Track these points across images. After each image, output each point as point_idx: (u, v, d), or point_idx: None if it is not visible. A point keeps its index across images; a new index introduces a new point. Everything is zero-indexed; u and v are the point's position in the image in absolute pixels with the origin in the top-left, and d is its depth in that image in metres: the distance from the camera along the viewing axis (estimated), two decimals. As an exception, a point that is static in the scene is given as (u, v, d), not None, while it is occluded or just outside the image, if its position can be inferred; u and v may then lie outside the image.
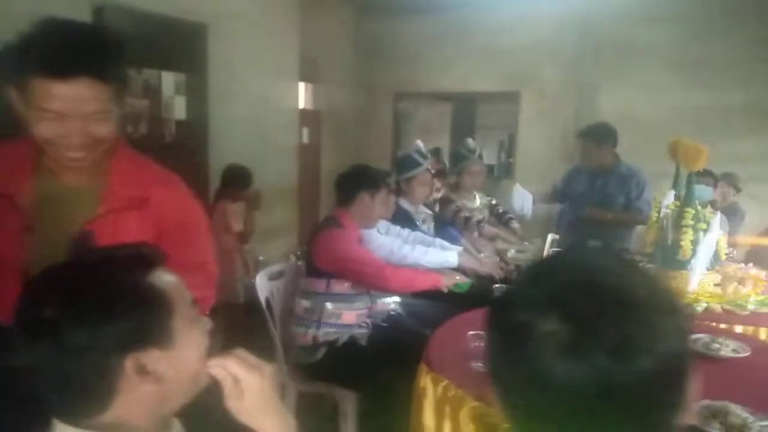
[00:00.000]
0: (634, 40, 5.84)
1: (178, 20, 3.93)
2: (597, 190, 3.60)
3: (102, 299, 0.77)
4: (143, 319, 0.78)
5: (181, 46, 4.02)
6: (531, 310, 0.58)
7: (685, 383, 0.60)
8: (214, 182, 3.98)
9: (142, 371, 0.78)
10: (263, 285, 2.49)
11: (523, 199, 3.69)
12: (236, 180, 3.44)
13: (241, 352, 0.89)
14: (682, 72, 5.67)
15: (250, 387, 0.84)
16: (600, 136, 3.54)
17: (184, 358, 0.82)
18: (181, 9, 3.94)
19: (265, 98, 4.92)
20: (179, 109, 4.01)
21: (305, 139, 5.92)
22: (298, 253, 5.11)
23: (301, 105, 5.92)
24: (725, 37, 5.47)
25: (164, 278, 0.83)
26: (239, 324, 3.39)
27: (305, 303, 2.41)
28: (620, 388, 0.54)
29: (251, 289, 3.13)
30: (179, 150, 4.04)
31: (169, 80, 3.90)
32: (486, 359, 0.65)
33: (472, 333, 1.64)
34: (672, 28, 5.67)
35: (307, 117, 5.98)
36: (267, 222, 4.99)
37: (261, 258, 4.65)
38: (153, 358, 0.78)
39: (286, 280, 2.64)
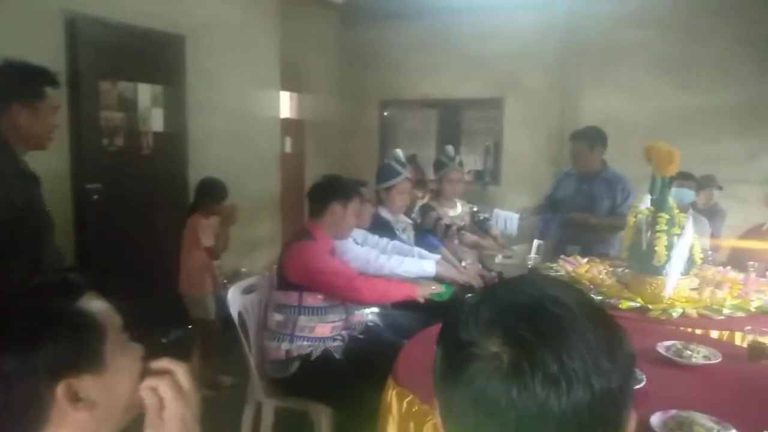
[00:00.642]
0: (617, 43, 5.86)
1: (155, 32, 3.91)
2: (582, 194, 3.59)
3: (30, 326, 0.76)
4: (74, 345, 0.77)
5: (157, 58, 3.99)
6: (476, 330, 0.59)
7: (622, 417, 0.60)
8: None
9: (75, 398, 0.76)
10: (236, 299, 2.44)
11: (505, 220, 3.68)
12: (209, 194, 3.39)
13: (181, 370, 0.86)
14: (665, 74, 5.68)
15: (172, 417, 0.82)
16: (593, 138, 3.55)
17: (116, 383, 0.81)
18: (158, 21, 3.92)
19: (246, 108, 4.89)
20: (156, 121, 3.98)
21: (288, 149, 5.90)
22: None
23: (284, 114, 5.90)
24: (708, 38, 5.49)
25: (94, 304, 0.83)
26: (213, 340, 3.35)
27: (278, 316, 2.37)
28: (555, 417, 0.55)
29: (224, 304, 3.11)
30: (157, 162, 4.00)
31: (145, 92, 3.87)
32: (433, 374, 0.66)
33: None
34: (654, 30, 5.69)
35: (289, 126, 5.96)
36: (250, 234, 4.94)
37: (243, 270, 4.61)
38: (85, 384, 0.77)
39: (259, 294, 2.60)
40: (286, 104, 6.09)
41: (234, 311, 2.40)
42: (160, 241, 3.89)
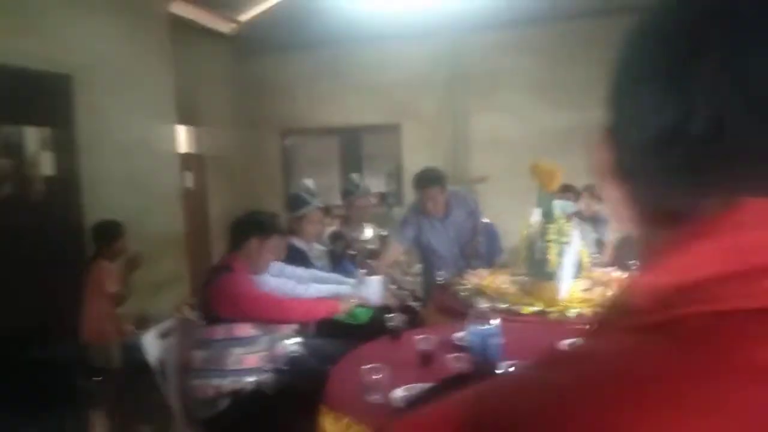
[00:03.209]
0: (498, 69, 6.35)
1: (37, 72, 3.72)
2: (448, 229, 3.55)
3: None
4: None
5: (43, 100, 3.80)
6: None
7: None
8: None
9: None
10: (154, 344, 2.39)
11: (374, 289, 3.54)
12: (103, 235, 3.29)
13: None
14: (542, 96, 6.24)
15: None
16: (442, 179, 3.44)
17: None
18: (40, 61, 3.74)
19: (142, 145, 4.74)
20: (46, 165, 3.78)
21: (189, 184, 5.76)
22: (191, 303, 4.93)
23: (182, 149, 5.77)
24: (581, 62, 6.09)
25: None
26: (121, 390, 3.22)
27: (204, 353, 2.35)
28: None
29: (132, 351, 3.03)
30: (49, 209, 3.79)
31: (32, 135, 3.67)
32: None
33: (366, 367, 1.69)
34: (529, 57, 6.24)
35: (189, 161, 5.83)
36: (154, 275, 4.76)
37: (151, 313, 4.43)
38: None
39: (177, 335, 2.55)
40: (183, 139, 5.97)
41: (153, 357, 2.35)
42: (56, 293, 3.67)
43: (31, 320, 3.46)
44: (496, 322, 1.59)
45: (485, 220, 3.76)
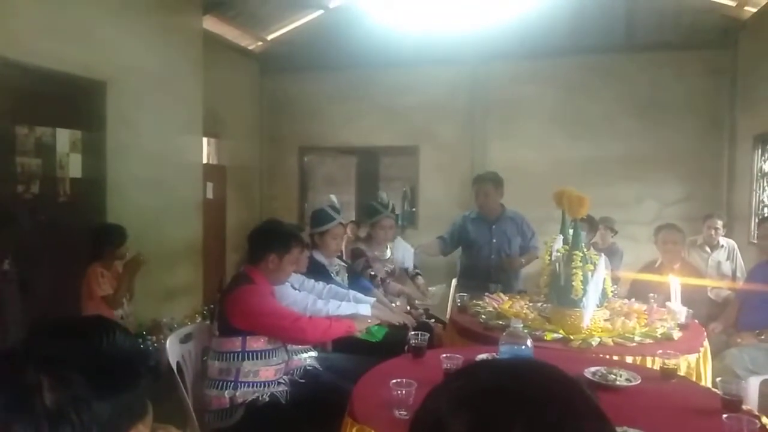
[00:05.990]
0: (517, 98, 6.41)
1: (75, 77, 3.80)
2: (494, 234, 3.87)
3: (122, 373, 0.77)
4: (144, 391, 0.80)
5: (77, 103, 3.88)
6: (445, 403, 0.58)
7: None
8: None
9: None
10: (174, 348, 2.40)
11: (403, 252, 3.90)
12: (105, 241, 3.31)
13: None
14: (560, 127, 6.27)
15: None
16: (496, 180, 3.93)
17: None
18: (78, 66, 3.82)
19: (168, 154, 4.80)
20: (75, 166, 3.83)
21: (210, 195, 5.81)
22: (204, 312, 4.93)
23: (205, 160, 5.84)
24: (594, 95, 6.17)
25: None
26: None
27: (219, 364, 2.34)
28: None
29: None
30: (74, 209, 3.83)
31: (64, 137, 3.73)
32: None
33: (394, 381, 1.68)
34: (548, 88, 6.30)
35: (211, 172, 5.90)
36: (170, 281, 4.79)
37: (164, 320, 4.45)
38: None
39: (196, 342, 2.56)
40: (206, 150, 6.04)
41: (173, 361, 2.35)
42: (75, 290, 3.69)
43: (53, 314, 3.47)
44: (530, 343, 1.59)
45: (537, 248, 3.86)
